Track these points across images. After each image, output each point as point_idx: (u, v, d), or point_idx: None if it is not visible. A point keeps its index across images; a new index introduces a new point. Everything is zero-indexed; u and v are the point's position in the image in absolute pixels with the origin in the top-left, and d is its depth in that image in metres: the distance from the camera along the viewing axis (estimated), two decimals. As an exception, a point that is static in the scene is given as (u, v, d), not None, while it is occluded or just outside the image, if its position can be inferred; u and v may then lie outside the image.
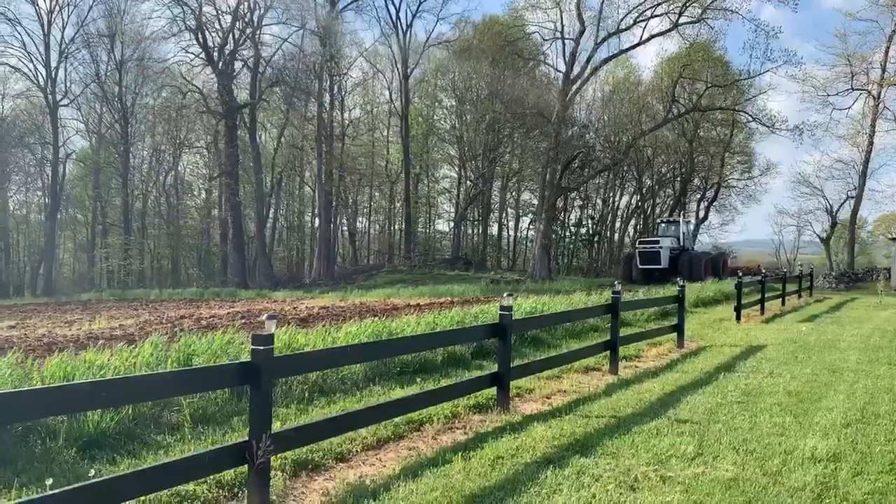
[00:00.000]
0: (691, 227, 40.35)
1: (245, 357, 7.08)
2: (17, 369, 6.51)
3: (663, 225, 39.51)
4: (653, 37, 41.37)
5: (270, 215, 55.69)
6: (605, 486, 5.12)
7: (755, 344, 12.90)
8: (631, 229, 62.49)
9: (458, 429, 6.93)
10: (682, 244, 36.24)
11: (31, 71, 47.77)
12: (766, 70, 42.13)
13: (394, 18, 52.69)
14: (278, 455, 5.28)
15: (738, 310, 17.46)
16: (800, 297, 25.41)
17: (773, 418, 7.15)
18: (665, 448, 6.05)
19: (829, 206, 52.15)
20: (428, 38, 54.42)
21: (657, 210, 62.45)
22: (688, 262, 33.36)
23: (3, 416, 3.90)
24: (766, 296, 19.89)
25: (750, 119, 46.34)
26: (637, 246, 36.69)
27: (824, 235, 53.30)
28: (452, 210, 61.49)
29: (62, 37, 47.99)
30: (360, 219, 64.79)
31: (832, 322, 17.59)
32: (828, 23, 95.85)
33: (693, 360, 11.17)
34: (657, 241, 35.07)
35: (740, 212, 61.49)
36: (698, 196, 59.08)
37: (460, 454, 5.88)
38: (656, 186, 60.24)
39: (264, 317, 4.90)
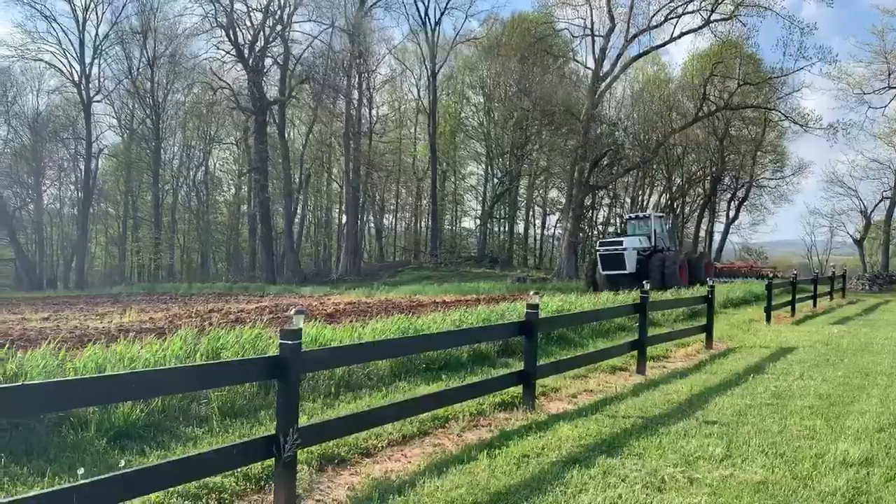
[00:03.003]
0: (667, 223, 34.83)
1: (273, 351, 7.15)
2: (52, 360, 6.62)
3: (632, 222, 33.52)
4: (684, 34, 40.95)
5: (298, 211, 56.11)
6: (631, 487, 5.07)
7: (785, 346, 12.71)
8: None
9: (483, 426, 6.92)
10: (653, 244, 30.44)
11: (65, 67, 48.74)
12: (800, 68, 41.72)
13: (422, 15, 52.79)
14: (305, 449, 5.31)
15: (768, 311, 17.23)
16: (832, 298, 25.01)
17: (804, 421, 7.04)
18: (693, 449, 5.99)
19: (863, 207, 51.31)
20: (456, 35, 54.45)
21: (687, 209, 61.76)
22: (660, 265, 28.11)
23: (38, 406, 3.98)
24: (797, 297, 19.60)
25: (782, 117, 45.64)
26: (598, 248, 30.96)
27: (858, 236, 52.39)
28: (479, 207, 61.51)
29: (96, 34, 48.91)
30: (387, 215, 65.12)
31: (865, 324, 17.28)
32: (867, 19, 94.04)
33: (722, 361, 11.04)
34: (620, 243, 29.95)
35: (771, 212, 60.54)
36: (729, 195, 58.34)
37: (486, 452, 5.87)
38: (686, 185, 59.58)
39: (292, 312, 4.93)
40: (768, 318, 17.07)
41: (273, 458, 4.73)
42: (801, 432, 6.64)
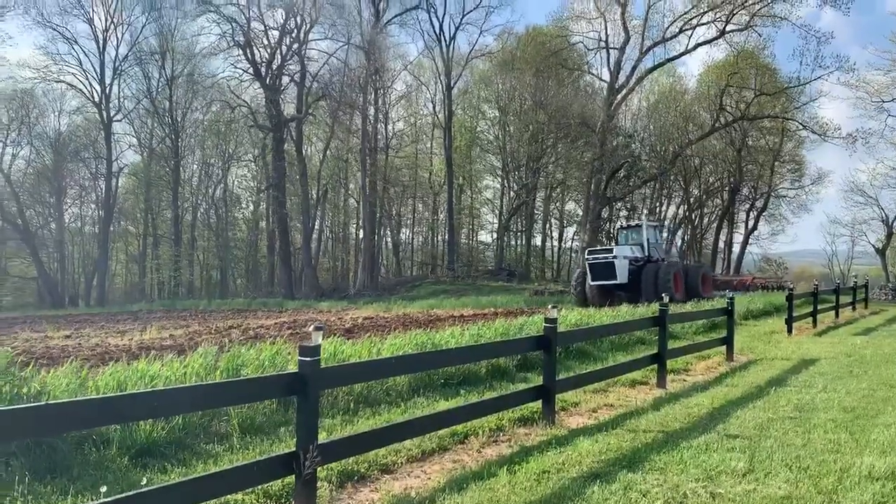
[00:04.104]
0: (662, 232, 32.33)
1: (292, 368, 7.17)
2: (74, 379, 6.69)
3: (623, 232, 31.54)
4: (699, 45, 41.02)
5: (316, 227, 56.40)
6: (652, 502, 5.03)
7: (807, 357, 12.57)
8: (678, 240, 61.68)
9: (503, 442, 6.89)
10: (647, 254, 28.63)
11: (86, 88, 49.39)
12: (817, 77, 41.26)
13: (437, 31, 53.10)
14: (324, 466, 5.32)
15: (789, 322, 17.04)
16: (854, 309, 24.68)
17: (828, 435, 6.95)
18: (715, 464, 5.93)
19: (884, 216, 50.78)
20: (471, 50, 54.77)
21: (705, 220, 61.40)
22: (653, 275, 26.35)
23: (62, 425, 4.02)
24: (818, 308, 19.38)
25: (800, 127, 45.44)
26: (587, 258, 28.94)
27: (879, 246, 51.83)
28: (495, 221, 61.46)
29: (116, 54, 49.60)
30: (404, 230, 65.27)
31: (889, 335, 17.03)
32: (885, 27, 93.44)
33: (743, 373, 10.93)
34: (610, 251, 28.09)
35: (791, 222, 60.23)
36: (747, 206, 57.99)
37: (505, 467, 5.85)
38: (704, 196, 59.32)
39: (311, 328, 4.95)
40: (790, 330, 16.89)
41: (293, 475, 4.75)
42: (826, 446, 6.55)
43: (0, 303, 48.30)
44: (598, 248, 31.27)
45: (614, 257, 27.26)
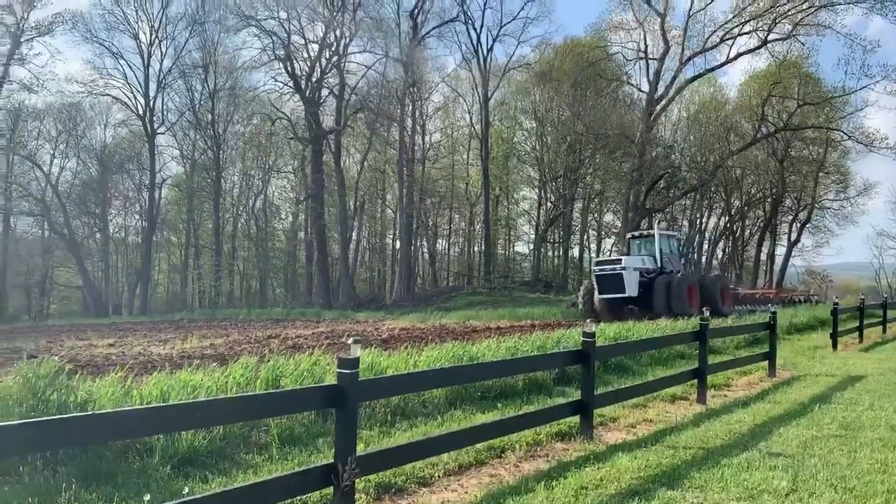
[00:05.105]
0: (674, 242, 30.24)
1: (330, 379, 7.24)
2: (119, 388, 6.84)
3: (636, 241, 29.32)
4: (740, 55, 40.54)
5: (353, 237, 56.85)
6: (693, 521, 4.96)
7: (853, 374, 12.27)
8: (719, 251, 60.76)
9: (540, 457, 6.86)
10: (659, 265, 26.73)
11: (131, 101, 50.62)
12: (863, 86, 40.33)
13: (475, 43, 53.22)
14: (362, 477, 5.35)
15: (833, 337, 16.66)
16: (902, 324, 24.03)
17: (875, 454, 6.78)
18: (756, 482, 5.82)
19: (934, 228, 49.39)
20: (508, 62, 54.74)
21: (747, 232, 60.40)
22: (664, 288, 24.65)
23: (108, 434, 4.12)
24: (865, 322, 18.91)
25: (845, 137, 44.50)
26: (594, 269, 27.19)
27: (929, 258, 50.46)
28: (532, 232, 61.23)
29: (160, 68, 50.75)
30: (440, 241, 65.39)
31: (939, 351, 16.55)
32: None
33: (786, 389, 10.72)
34: (618, 261, 26.11)
35: (836, 234, 58.56)
36: (790, 217, 56.88)
37: (543, 483, 5.81)
38: (745, 208, 58.39)
39: (350, 340, 5.01)
40: (834, 345, 16.52)
41: (331, 487, 4.78)
42: (872, 465, 6.39)
43: (47, 311, 49.61)
44: (607, 258, 29.83)
45: (623, 268, 25.42)
